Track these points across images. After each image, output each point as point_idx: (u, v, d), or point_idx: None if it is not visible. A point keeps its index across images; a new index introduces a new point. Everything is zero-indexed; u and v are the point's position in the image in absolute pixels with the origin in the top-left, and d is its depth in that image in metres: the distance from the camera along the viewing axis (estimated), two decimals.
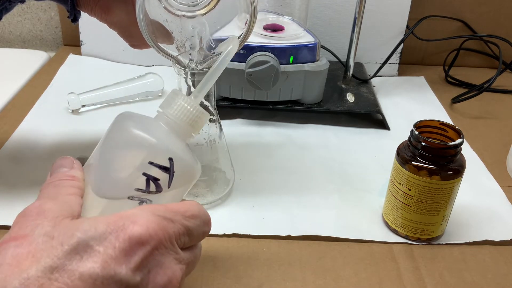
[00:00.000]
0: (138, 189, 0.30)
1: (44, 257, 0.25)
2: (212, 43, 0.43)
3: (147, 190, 0.30)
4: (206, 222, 0.32)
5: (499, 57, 0.80)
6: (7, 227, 0.46)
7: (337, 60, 0.77)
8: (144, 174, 0.30)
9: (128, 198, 0.30)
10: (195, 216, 0.30)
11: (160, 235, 0.28)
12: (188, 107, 0.32)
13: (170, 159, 0.30)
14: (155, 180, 0.30)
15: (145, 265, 0.27)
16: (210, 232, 0.46)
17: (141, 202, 0.30)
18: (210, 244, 0.46)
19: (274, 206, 0.51)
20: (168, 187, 0.31)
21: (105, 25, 0.47)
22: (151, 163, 0.30)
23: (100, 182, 0.31)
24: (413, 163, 0.43)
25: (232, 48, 0.35)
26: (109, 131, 0.32)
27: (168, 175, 0.30)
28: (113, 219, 0.27)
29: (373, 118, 0.69)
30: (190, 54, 0.44)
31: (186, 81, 0.45)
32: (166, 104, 0.33)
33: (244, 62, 0.62)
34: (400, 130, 0.66)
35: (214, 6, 0.40)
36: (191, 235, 0.30)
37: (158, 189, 0.30)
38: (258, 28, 0.65)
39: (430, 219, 0.45)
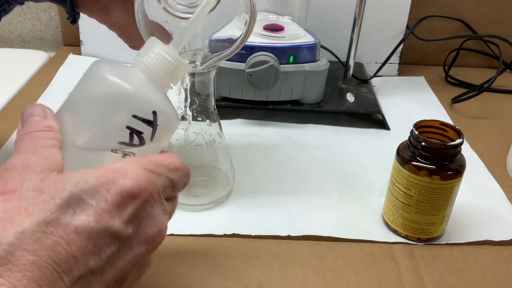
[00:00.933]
0: (122, 142, 0.30)
1: (37, 211, 0.25)
2: (212, 43, 0.43)
3: (130, 143, 0.30)
4: (187, 174, 0.32)
5: (499, 57, 0.80)
6: None
7: (337, 60, 0.77)
8: (128, 127, 0.29)
9: (112, 151, 0.30)
10: (177, 169, 0.31)
11: (150, 188, 0.28)
12: (167, 56, 0.31)
13: (154, 112, 0.30)
14: (139, 133, 0.30)
15: (136, 217, 0.27)
16: (210, 232, 0.47)
17: (124, 155, 0.30)
18: (210, 244, 0.46)
19: (274, 206, 0.51)
20: (151, 140, 0.30)
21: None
22: (135, 116, 0.29)
23: (81, 134, 0.30)
24: (413, 163, 0.43)
25: (208, 0, 0.34)
26: (84, 79, 0.31)
27: (151, 128, 0.30)
28: (102, 172, 0.27)
29: (373, 118, 0.69)
30: (189, 55, 0.44)
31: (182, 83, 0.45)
32: (144, 52, 0.32)
33: (244, 62, 0.62)
34: (400, 130, 0.66)
35: (214, 7, 0.40)
36: (174, 187, 0.31)
37: (141, 142, 0.30)
38: (258, 28, 0.65)
39: (430, 219, 0.45)
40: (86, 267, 0.25)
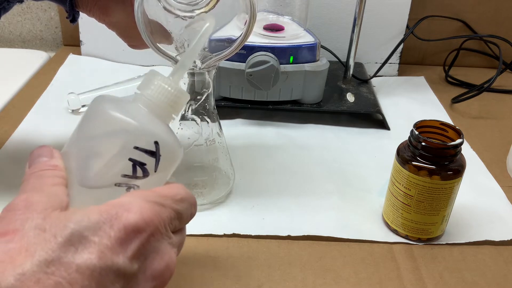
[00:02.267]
0: (125, 175, 0.29)
1: (38, 251, 0.24)
2: (211, 43, 0.43)
3: (134, 176, 0.29)
4: (193, 204, 0.32)
5: (499, 57, 0.80)
6: None
7: (337, 60, 0.77)
8: (130, 159, 0.29)
9: (115, 185, 0.29)
10: (183, 200, 0.30)
11: (155, 221, 0.27)
12: (167, 87, 0.31)
13: (156, 143, 0.30)
14: (142, 165, 0.29)
15: (142, 252, 0.27)
16: (210, 232, 0.47)
17: (129, 188, 0.30)
18: (210, 244, 0.46)
19: (274, 206, 0.51)
20: (155, 171, 0.30)
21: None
22: (136, 147, 0.29)
23: (84, 171, 0.30)
24: (413, 163, 0.43)
25: (209, 26, 0.34)
26: (86, 116, 0.31)
27: (154, 159, 0.30)
28: (105, 208, 0.26)
29: (373, 118, 0.69)
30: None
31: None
32: (144, 85, 0.32)
33: (244, 62, 0.62)
34: (400, 130, 0.66)
35: (214, 6, 0.40)
36: (181, 218, 0.30)
37: (145, 173, 0.30)
38: (258, 28, 0.65)
39: (430, 219, 0.45)
40: None
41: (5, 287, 0.23)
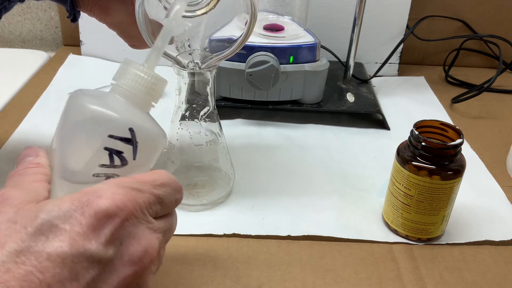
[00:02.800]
0: (103, 165, 0.29)
1: (8, 242, 0.24)
2: (212, 43, 0.43)
3: (111, 165, 0.29)
4: (177, 190, 0.31)
5: (499, 57, 0.80)
6: None
7: (337, 60, 0.77)
8: (106, 148, 0.29)
9: (94, 175, 0.29)
10: (164, 184, 0.30)
11: (129, 205, 0.27)
12: (142, 74, 0.31)
13: (131, 129, 0.29)
14: (118, 153, 0.29)
15: (116, 237, 0.26)
16: (210, 232, 0.47)
17: (107, 177, 0.29)
18: (210, 244, 0.46)
19: (274, 206, 0.51)
20: (134, 159, 0.30)
21: (105, 25, 0.47)
22: (111, 136, 0.29)
23: (64, 165, 0.30)
24: (413, 163, 0.43)
25: (179, 9, 0.33)
26: (64, 111, 0.31)
27: (131, 146, 0.29)
28: (77, 196, 0.26)
29: (373, 118, 0.69)
30: (190, 54, 0.44)
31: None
32: (119, 75, 0.31)
33: (244, 62, 0.62)
34: (400, 130, 0.66)
35: (214, 6, 0.40)
36: (163, 203, 0.30)
37: (123, 162, 0.29)
38: (258, 28, 0.65)
39: (430, 219, 0.45)
40: None
41: None
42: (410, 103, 0.75)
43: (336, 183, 0.55)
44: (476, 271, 0.44)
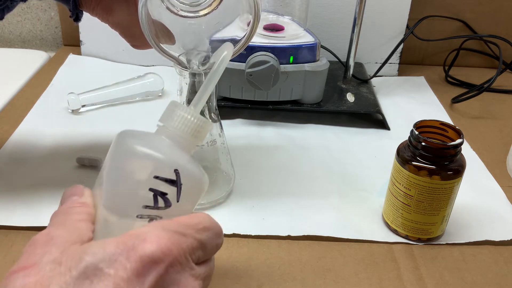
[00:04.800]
0: (147, 206, 0.29)
1: (52, 285, 0.24)
2: (214, 43, 0.43)
3: (155, 206, 0.29)
4: (219, 234, 0.30)
5: (499, 57, 0.80)
6: (7, 227, 0.46)
7: (337, 60, 0.77)
8: (151, 189, 0.29)
9: (137, 217, 0.29)
10: (207, 229, 0.29)
11: (174, 251, 0.26)
12: (189, 117, 0.31)
13: (176, 171, 0.29)
14: (163, 194, 0.29)
15: (160, 284, 0.26)
16: None
17: (151, 219, 0.29)
18: None
19: (274, 206, 0.51)
20: (177, 201, 0.30)
21: (105, 25, 0.47)
22: (156, 177, 0.29)
23: (110, 202, 0.30)
24: (413, 163, 0.43)
25: (226, 54, 0.34)
26: (112, 151, 0.31)
27: (175, 188, 0.29)
28: (122, 239, 0.26)
29: (373, 118, 0.69)
30: (191, 55, 0.44)
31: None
32: (166, 116, 0.32)
33: (244, 62, 0.62)
34: (400, 130, 0.66)
35: (216, 7, 0.40)
36: (205, 249, 0.29)
37: (167, 204, 0.29)
38: (258, 28, 0.65)
39: (430, 219, 0.45)
40: None
41: None
42: (410, 103, 0.75)
43: (336, 183, 0.56)
44: (476, 271, 0.44)
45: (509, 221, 0.50)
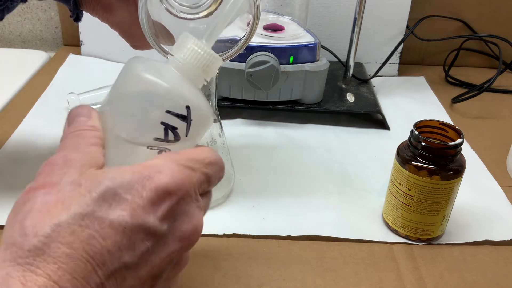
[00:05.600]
0: (157, 138, 0.30)
1: (73, 204, 0.25)
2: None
3: (165, 139, 0.30)
4: (222, 168, 0.32)
5: (499, 57, 0.80)
6: None
7: (337, 60, 0.77)
8: (162, 123, 0.29)
9: (147, 147, 0.30)
10: (213, 163, 0.30)
11: (186, 185, 0.28)
12: (200, 51, 0.31)
13: (187, 107, 0.30)
14: (173, 129, 0.30)
15: (171, 214, 0.27)
16: (210, 232, 0.47)
17: (160, 151, 0.30)
18: (210, 244, 0.46)
19: (274, 206, 0.51)
20: (186, 136, 0.30)
21: (105, 25, 0.47)
22: (168, 111, 0.29)
23: (119, 131, 0.30)
24: (413, 163, 0.43)
25: None
26: (120, 77, 0.31)
27: (185, 124, 0.30)
28: (138, 169, 0.27)
29: (373, 118, 0.69)
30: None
31: None
32: (178, 48, 0.32)
33: (244, 62, 0.62)
34: (400, 130, 0.66)
35: (216, 8, 0.40)
36: (210, 182, 0.31)
37: (176, 137, 0.30)
38: (258, 28, 0.65)
39: (430, 219, 0.45)
40: (120, 262, 0.25)
41: (41, 235, 0.24)
42: (410, 103, 0.75)
43: (336, 183, 0.56)
44: (476, 271, 0.44)
45: (509, 221, 0.50)
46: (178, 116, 0.30)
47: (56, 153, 0.29)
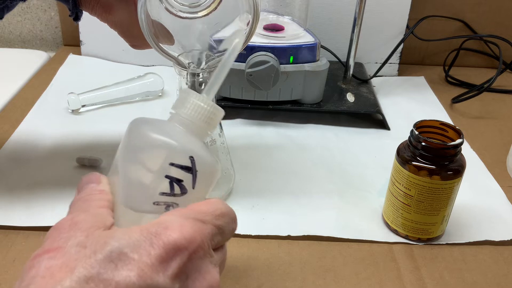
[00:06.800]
0: (163, 193, 0.29)
1: (78, 267, 0.24)
2: (213, 43, 0.43)
3: (171, 193, 0.29)
4: (234, 219, 0.31)
5: (499, 57, 0.80)
6: (7, 227, 0.46)
7: (337, 60, 0.77)
8: (167, 176, 0.29)
9: (154, 203, 0.29)
10: (224, 214, 0.30)
11: (197, 238, 0.27)
12: (202, 104, 0.31)
13: (191, 158, 0.29)
14: (179, 181, 0.29)
15: (183, 271, 0.26)
16: None
17: (168, 206, 0.30)
18: None
19: (274, 206, 0.51)
20: (193, 188, 0.30)
21: (105, 25, 0.47)
22: (172, 164, 0.29)
23: (126, 192, 0.30)
24: (413, 163, 0.43)
25: (238, 42, 0.34)
26: (126, 138, 0.31)
27: (191, 175, 0.30)
28: (145, 227, 0.26)
29: (373, 118, 0.69)
30: (191, 55, 0.44)
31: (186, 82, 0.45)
32: (179, 104, 0.32)
33: (244, 62, 0.62)
34: (400, 130, 0.66)
35: (216, 7, 0.40)
36: (223, 234, 0.29)
37: (183, 190, 0.30)
38: (258, 28, 0.65)
39: (430, 219, 0.45)
40: None
41: None
42: (410, 103, 0.75)
43: (336, 183, 0.56)
44: (476, 271, 0.44)
45: (509, 221, 0.50)
46: (182, 167, 0.29)
47: (64, 217, 0.28)
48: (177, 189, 0.29)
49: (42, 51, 0.88)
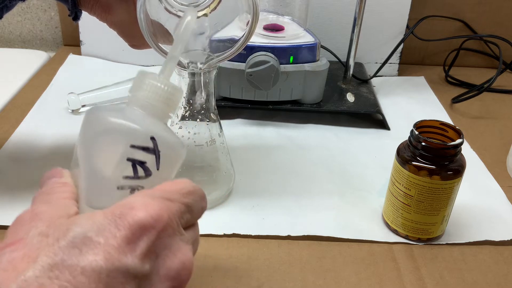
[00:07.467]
0: (127, 177, 0.28)
1: (40, 256, 0.23)
2: (213, 43, 0.43)
3: (135, 176, 0.28)
4: (203, 197, 0.30)
5: (499, 57, 0.80)
6: (7, 227, 0.46)
7: (337, 60, 0.77)
8: (129, 159, 0.28)
9: (118, 188, 0.28)
10: (191, 192, 0.29)
11: (164, 216, 0.26)
12: (159, 84, 0.30)
13: (152, 138, 0.29)
14: (142, 163, 0.28)
15: (152, 251, 0.25)
16: (210, 232, 0.47)
17: (133, 190, 0.29)
18: (210, 244, 0.46)
19: (274, 206, 0.51)
20: (157, 169, 0.29)
21: (105, 25, 0.47)
22: (132, 146, 0.28)
23: (87, 182, 0.30)
24: (413, 163, 0.43)
25: (190, 20, 0.33)
26: (84, 127, 0.30)
27: (154, 156, 0.29)
28: (109, 209, 0.25)
29: (373, 118, 0.69)
30: (190, 55, 0.44)
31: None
32: (136, 86, 0.31)
33: (244, 62, 0.62)
34: (400, 130, 0.66)
35: (215, 7, 0.40)
36: (192, 212, 0.29)
37: (147, 172, 0.29)
38: (258, 28, 0.65)
39: (430, 219, 0.45)
40: None
41: None
42: (410, 103, 0.75)
43: (336, 183, 0.56)
44: (476, 271, 0.44)
45: (509, 221, 0.50)
46: (144, 148, 0.28)
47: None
48: (141, 172, 0.29)
49: (42, 51, 0.88)
